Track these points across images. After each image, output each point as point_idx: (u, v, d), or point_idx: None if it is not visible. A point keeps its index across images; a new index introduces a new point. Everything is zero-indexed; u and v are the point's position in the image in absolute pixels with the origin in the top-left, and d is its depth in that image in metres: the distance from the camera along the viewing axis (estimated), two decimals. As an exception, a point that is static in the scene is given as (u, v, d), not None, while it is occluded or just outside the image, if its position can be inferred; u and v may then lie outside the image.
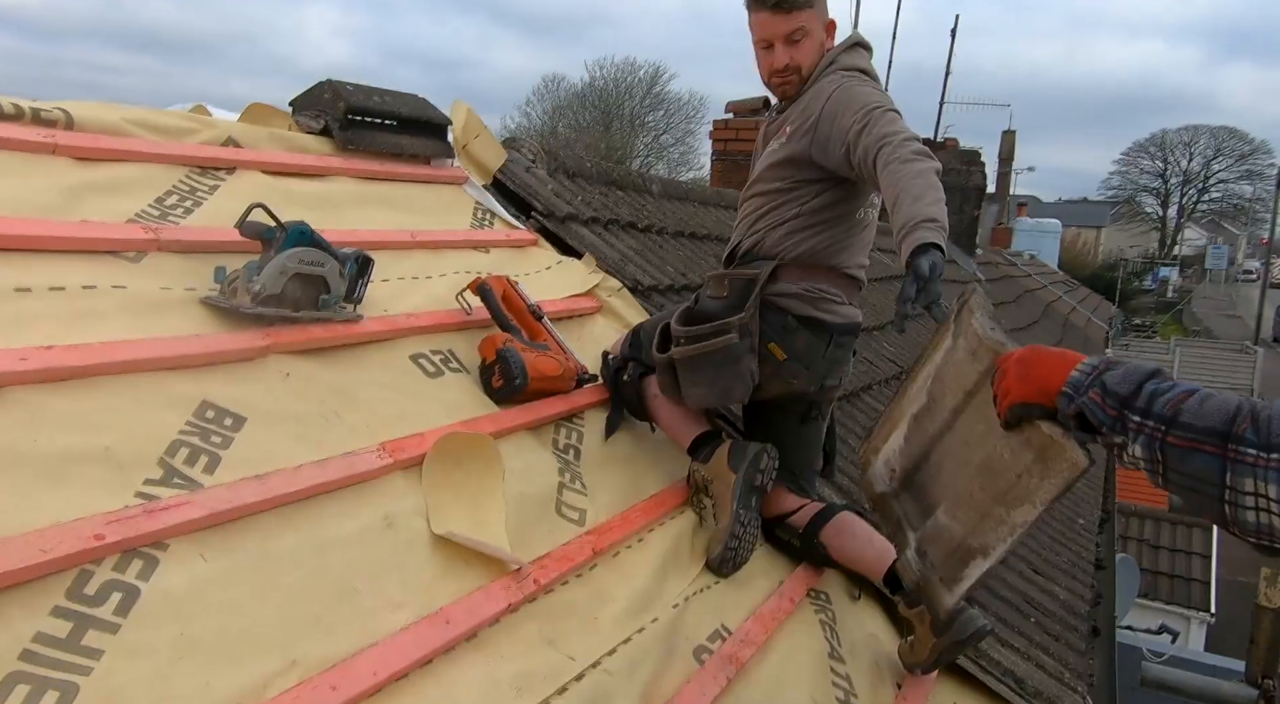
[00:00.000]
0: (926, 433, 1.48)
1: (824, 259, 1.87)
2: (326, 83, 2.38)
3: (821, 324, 1.84)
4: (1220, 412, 0.94)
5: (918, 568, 1.47)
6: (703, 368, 1.79)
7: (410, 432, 1.59)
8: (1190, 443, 0.95)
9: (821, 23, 1.87)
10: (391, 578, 1.31)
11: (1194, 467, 0.94)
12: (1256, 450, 0.90)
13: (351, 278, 1.75)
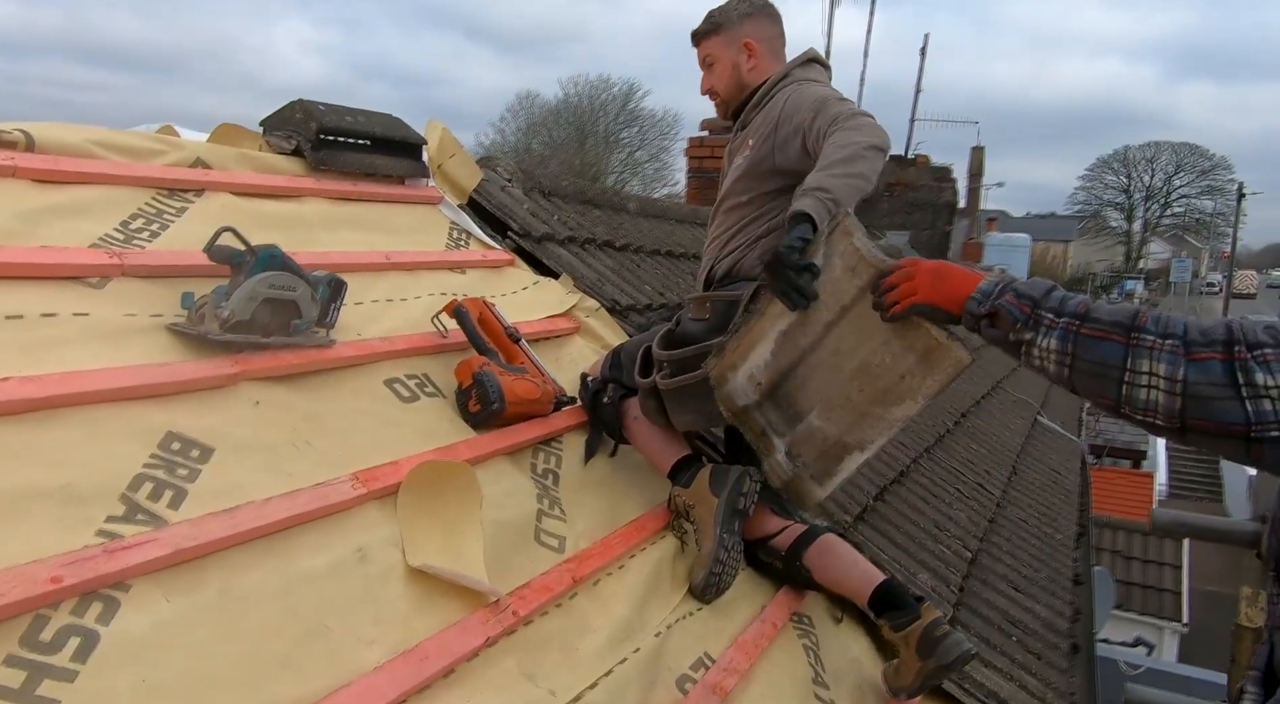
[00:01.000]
0: (798, 347, 1.58)
1: None
2: (298, 102, 2.35)
3: None
4: (1126, 310, 1.12)
5: (789, 468, 1.64)
6: (688, 396, 1.77)
7: (385, 460, 1.55)
8: (1101, 333, 1.11)
9: (733, 46, 1.96)
10: (364, 613, 1.26)
11: (1100, 353, 1.10)
12: (1154, 337, 1.07)
13: (324, 302, 1.71)
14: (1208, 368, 1.04)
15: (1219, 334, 1.05)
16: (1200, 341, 1.05)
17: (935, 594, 2.29)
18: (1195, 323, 1.08)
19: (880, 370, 1.45)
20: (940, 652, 1.73)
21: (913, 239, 9.49)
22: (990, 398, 5.28)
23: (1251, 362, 1.02)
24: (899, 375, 1.44)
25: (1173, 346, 1.06)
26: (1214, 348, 1.04)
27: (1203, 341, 1.05)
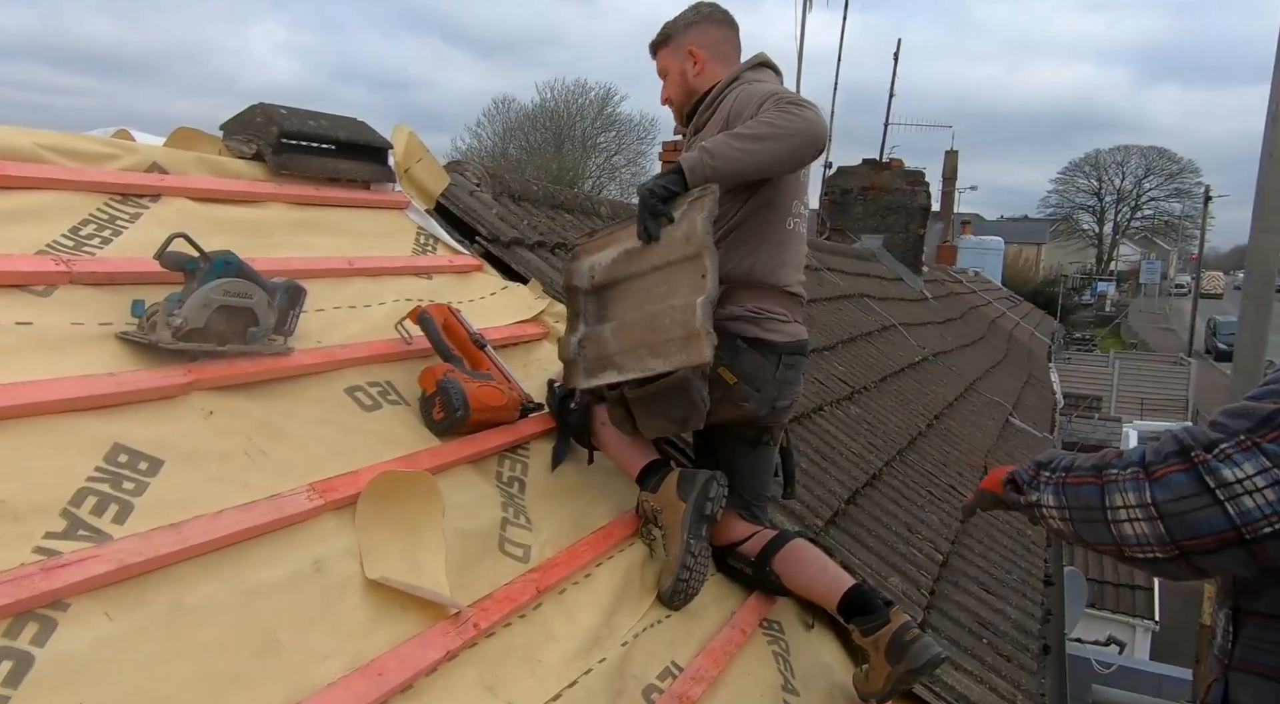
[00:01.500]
0: (627, 269, 1.79)
1: (764, 277, 1.86)
2: (258, 106, 2.31)
3: (769, 345, 1.83)
4: (1099, 456, 1.15)
5: (573, 352, 1.89)
6: (656, 402, 1.75)
7: (344, 469, 1.52)
8: (1079, 478, 1.16)
9: (679, 54, 2.01)
10: (320, 627, 1.23)
11: (1083, 498, 1.14)
12: (1117, 470, 1.11)
13: (282, 309, 1.68)
14: (1170, 483, 1.05)
15: (1171, 447, 1.07)
16: (1156, 460, 1.07)
17: (906, 597, 2.29)
18: (1152, 444, 1.10)
19: (660, 326, 1.65)
20: (910, 656, 1.72)
21: (887, 242, 9.55)
22: (963, 400, 5.32)
23: (1213, 461, 1.02)
24: (666, 338, 1.64)
25: (1133, 473, 1.08)
26: (1169, 462, 1.06)
27: (1158, 460, 1.07)
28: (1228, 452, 1.02)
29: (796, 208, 1.91)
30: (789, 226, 1.89)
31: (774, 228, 1.87)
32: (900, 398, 4.38)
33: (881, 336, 5.55)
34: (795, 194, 1.90)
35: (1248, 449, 1.01)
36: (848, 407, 3.65)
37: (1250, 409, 1.04)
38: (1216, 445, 1.03)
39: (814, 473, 2.70)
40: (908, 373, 5.01)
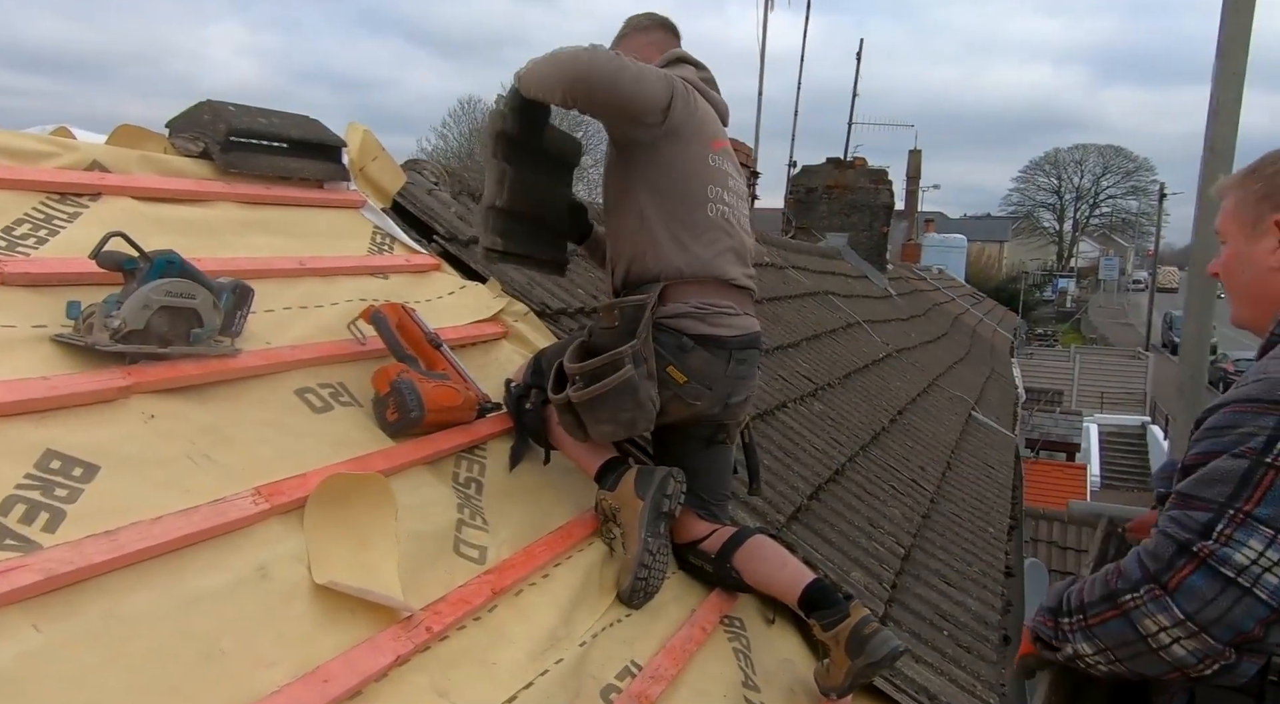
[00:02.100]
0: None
1: (704, 271, 1.83)
2: (205, 103, 2.25)
3: (718, 340, 1.81)
4: (1100, 582, 1.09)
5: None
6: (602, 405, 1.73)
7: (291, 473, 1.48)
8: (1100, 617, 1.08)
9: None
10: (264, 634, 1.20)
11: (1115, 635, 1.07)
12: (1130, 595, 1.04)
13: (228, 309, 1.64)
14: (1190, 589, 0.99)
15: (1169, 547, 1.00)
16: (1163, 568, 1.00)
17: (868, 591, 2.30)
18: (1146, 548, 1.03)
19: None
20: (869, 650, 1.73)
21: (851, 240, 9.63)
22: (926, 395, 5.38)
23: (1219, 548, 0.98)
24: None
25: (1149, 592, 1.01)
26: (1177, 566, 0.99)
27: (1164, 566, 1.00)
28: (1227, 533, 0.98)
29: (716, 194, 1.86)
30: (711, 214, 1.85)
31: (692, 217, 1.83)
32: (864, 394, 4.42)
33: (846, 333, 5.59)
34: (705, 179, 1.84)
35: (1243, 523, 0.97)
36: (811, 403, 3.67)
37: (1219, 473, 1.00)
38: (1212, 529, 0.98)
39: (777, 469, 2.70)
40: (871, 369, 5.06)
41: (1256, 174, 1.19)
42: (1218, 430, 1.05)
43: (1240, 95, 3.38)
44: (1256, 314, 1.18)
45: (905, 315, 8.51)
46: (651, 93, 1.75)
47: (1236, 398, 1.05)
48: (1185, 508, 1.02)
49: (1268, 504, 0.97)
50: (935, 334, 8.73)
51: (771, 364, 3.81)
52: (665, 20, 2.05)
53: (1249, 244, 1.18)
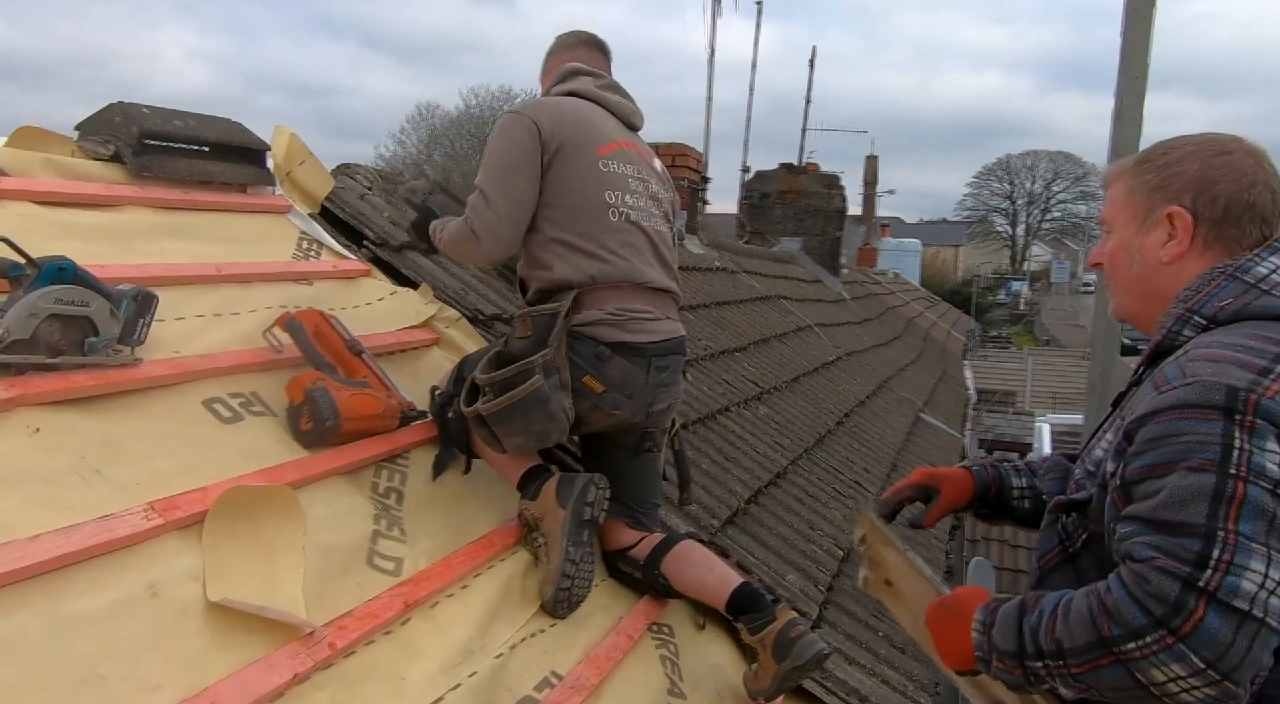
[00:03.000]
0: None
1: (620, 275, 1.81)
2: (117, 105, 2.18)
3: (636, 348, 1.79)
4: (1082, 622, 0.96)
5: None
6: (513, 417, 1.70)
7: (194, 486, 1.43)
8: (1088, 665, 0.95)
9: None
10: (151, 656, 1.15)
11: (1108, 681, 0.95)
12: (1132, 643, 0.92)
13: (128, 318, 1.58)
14: (1206, 634, 0.88)
15: (1168, 585, 0.90)
16: (1169, 612, 0.89)
17: (803, 594, 2.29)
18: (1144, 589, 0.92)
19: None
20: (795, 653, 1.72)
21: (805, 245, 9.72)
22: (874, 398, 5.43)
23: (1225, 578, 0.88)
24: None
25: (1158, 641, 0.90)
26: (1187, 609, 0.89)
27: (1171, 611, 0.89)
28: (1226, 559, 0.90)
29: (616, 198, 1.84)
30: (614, 218, 1.83)
31: (594, 226, 1.81)
32: (811, 397, 4.44)
33: (796, 337, 5.62)
34: (600, 186, 1.82)
35: (1238, 545, 0.90)
36: (756, 406, 3.67)
37: (1186, 491, 0.93)
38: (1209, 557, 0.90)
39: (715, 474, 2.69)
40: (820, 372, 5.09)
41: (1148, 164, 1.17)
42: (1159, 441, 0.98)
43: (1142, 98, 3.47)
44: (1144, 308, 1.17)
45: (859, 319, 8.61)
46: (524, 175, 1.80)
47: (1170, 404, 0.99)
48: (1167, 534, 0.93)
49: (1247, 519, 0.91)
50: (888, 337, 8.84)
51: (716, 368, 3.81)
52: (589, 38, 2.06)
53: (1139, 235, 1.17)
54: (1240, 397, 0.96)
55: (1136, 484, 1.00)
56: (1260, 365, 0.99)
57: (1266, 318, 1.06)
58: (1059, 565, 1.13)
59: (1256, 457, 0.94)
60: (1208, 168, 1.12)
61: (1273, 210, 1.13)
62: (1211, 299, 1.10)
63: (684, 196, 6.42)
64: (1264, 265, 1.09)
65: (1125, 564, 0.96)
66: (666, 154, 6.35)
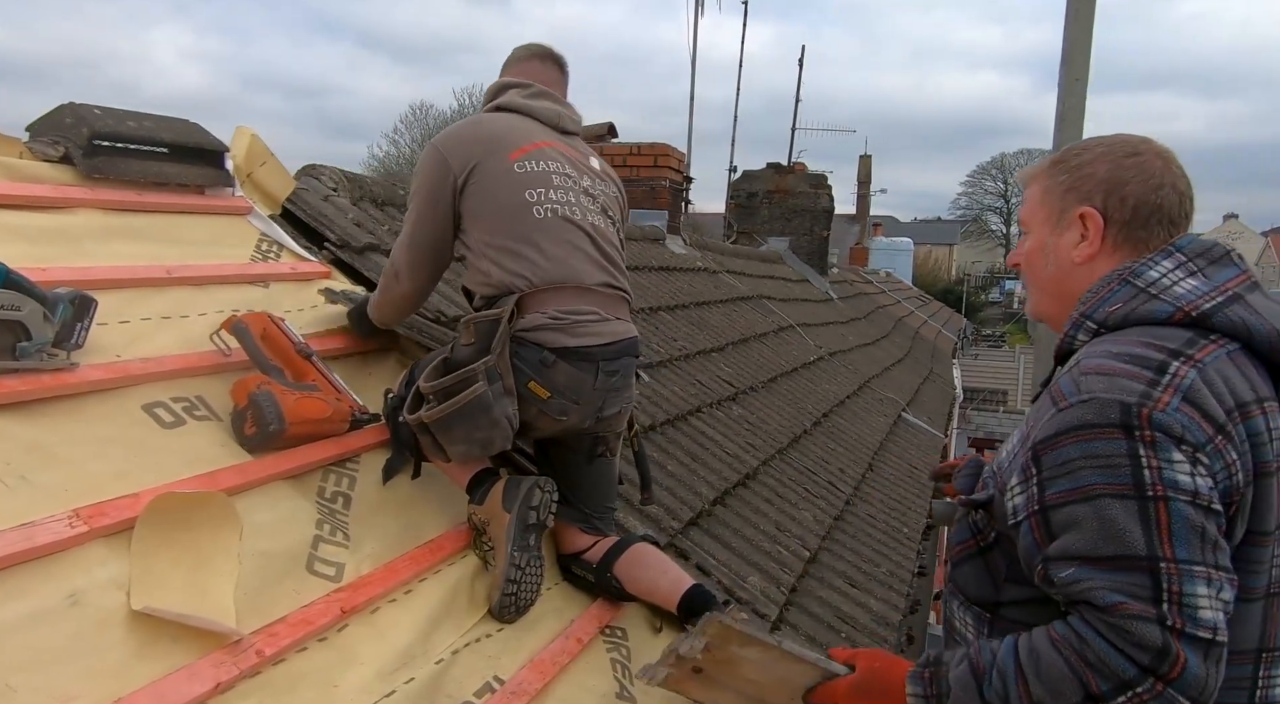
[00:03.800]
0: None
1: (557, 275, 1.79)
2: (68, 105, 2.16)
3: (582, 352, 1.76)
4: (1064, 680, 0.93)
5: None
6: (455, 424, 1.68)
7: (127, 492, 1.41)
8: None
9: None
10: (68, 668, 1.13)
11: None
12: (1124, 695, 0.91)
13: (65, 321, 1.56)
14: (1191, 673, 0.89)
15: (1152, 633, 0.90)
16: (1156, 657, 0.89)
17: (764, 596, 2.28)
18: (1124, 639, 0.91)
19: None
20: (742, 656, 1.71)
21: (792, 244, 9.71)
22: (855, 397, 5.42)
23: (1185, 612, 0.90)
24: None
25: (1149, 690, 0.90)
26: (1170, 652, 0.89)
27: (1157, 655, 0.89)
28: (1175, 591, 0.91)
29: (538, 195, 1.82)
30: (539, 215, 1.81)
31: (519, 226, 1.79)
32: (789, 397, 4.43)
33: (777, 337, 5.61)
34: (519, 187, 1.81)
35: (1181, 573, 0.91)
36: (730, 407, 3.66)
37: (1114, 523, 0.92)
38: (1161, 590, 0.90)
39: (681, 475, 2.68)
40: (800, 372, 5.08)
41: (1062, 165, 1.17)
42: (1070, 465, 0.97)
43: (1084, 102, 3.47)
44: (1058, 309, 1.17)
45: (845, 318, 8.60)
46: (428, 218, 1.87)
47: (1071, 426, 0.98)
48: (1115, 572, 0.92)
49: (1180, 542, 0.92)
50: (875, 336, 8.83)
51: (691, 369, 3.79)
52: (539, 50, 2.07)
53: (1054, 236, 1.16)
54: (1134, 412, 0.96)
55: (1056, 510, 0.99)
56: (1148, 376, 0.99)
57: (1153, 323, 1.06)
58: (970, 557, 1.13)
59: (1167, 471, 0.94)
60: (1118, 169, 1.12)
61: (1179, 212, 1.13)
62: (1103, 304, 1.10)
63: (666, 197, 6.41)
64: (1156, 269, 1.09)
65: (1090, 611, 0.94)
66: (648, 154, 6.34)
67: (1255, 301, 1.06)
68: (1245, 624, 1.01)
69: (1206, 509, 0.95)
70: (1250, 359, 1.05)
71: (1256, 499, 0.99)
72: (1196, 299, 1.05)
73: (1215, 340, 1.04)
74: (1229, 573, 0.96)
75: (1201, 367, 1.00)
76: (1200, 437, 0.96)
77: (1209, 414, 0.97)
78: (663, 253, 5.68)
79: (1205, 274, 1.08)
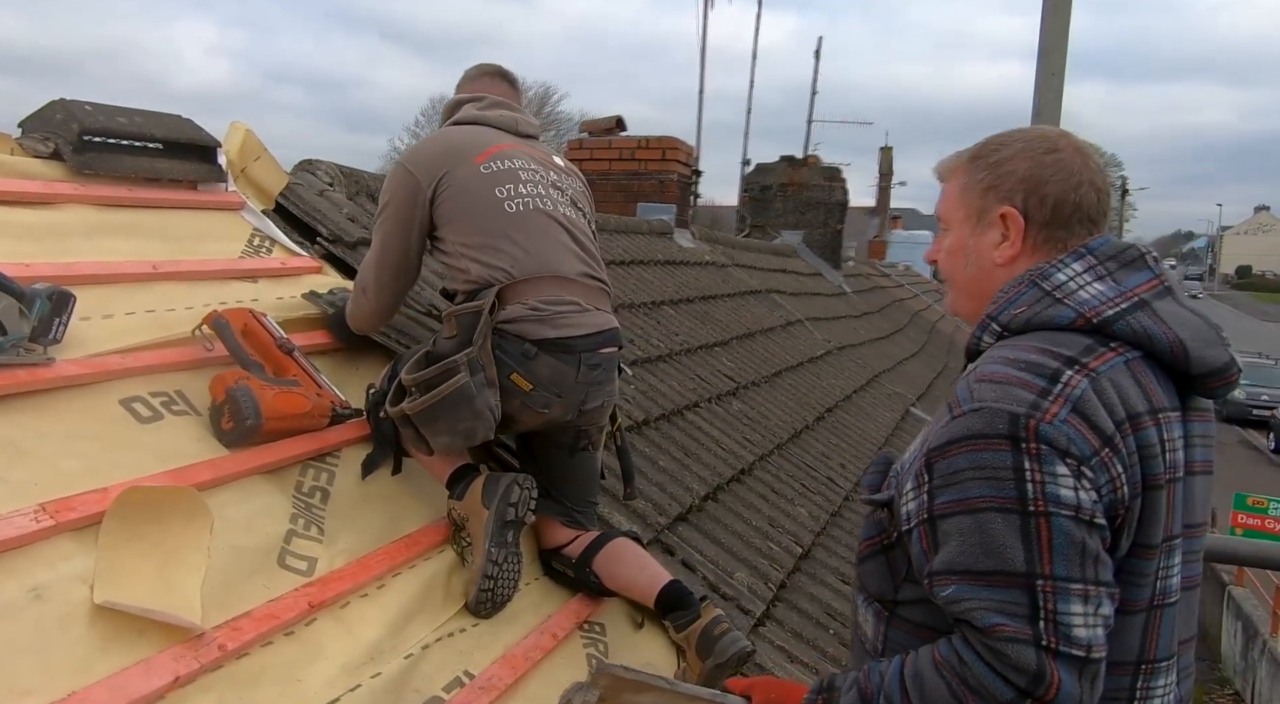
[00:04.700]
0: None
1: (535, 266, 1.79)
2: (59, 101, 2.18)
3: (564, 344, 1.76)
4: (944, 701, 0.94)
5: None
6: (438, 416, 1.69)
7: (97, 486, 1.43)
8: None
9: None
10: (26, 661, 1.15)
11: None
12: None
13: (42, 316, 1.58)
14: (1066, 694, 0.89)
15: (1028, 655, 0.90)
16: (1032, 681, 0.89)
17: (751, 592, 2.27)
18: (1001, 661, 0.91)
19: None
20: (718, 650, 1.71)
21: (806, 238, 9.64)
22: (862, 392, 5.37)
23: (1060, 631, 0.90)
24: None
25: None
26: (1045, 675, 0.89)
27: (1033, 679, 0.89)
28: (1050, 609, 0.90)
29: (508, 191, 1.84)
30: (511, 209, 1.83)
31: (493, 223, 1.81)
32: (792, 392, 4.40)
33: (784, 332, 5.57)
34: (488, 185, 1.84)
35: (1057, 591, 0.91)
36: (729, 402, 3.64)
37: (996, 538, 0.92)
38: (1038, 609, 0.90)
39: (672, 470, 2.67)
40: (806, 367, 5.04)
41: (980, 161, 1.13)
42: (958, 475, 0.96)
43: (1060, 95, 3.38)
44: (977, 308, 1.13)
45: (858, 312, 8.53)
46: (406, 231, 1.89)
47: (961, 435, 0.97)
48: (993, 590, 0.92)
49: (1060, 558, 0.91)
50: (889, 331, 8.75)
51: (692, 363, 3.78)
52: (489, 68, 2.13)
53: (974, 236, 1.13)
54: (1022, 424, 0.94)
55: (942, 520, 0.98)
56: (1040, 386, 0.97)
57: (1055, 328, 1.04)
58: (874, 554, 1.12)
59: (1050, 486, 0.93)
60: (1037, 167, 1.10)
61: (1098, 210, 1.10)
62: (1009, 306, 1.07)
63: (674, 190, 6.38)
64: (1065, 272, 1.07)
65: (971, 632, 0.94)
66: (656, 147, 6.32)
67: (1162, 308, 1.04)
68: (1125, 636, 1.00)
69: (1089, 524, 0.94)
70: (1151, 367, 1.03)
71: (1144, 512, 0.98)
72: (1100, 305, 1.03)
73: (1115, 347, 1.02)
74: (1109, 587, 0.94)
75: (1095, 376, 0.98)
76: (1086, 450, 0.94)
77: (1097, 426, 0.95)
78: (669, 247, 5.65)
79: (1115, 278, 1.06)
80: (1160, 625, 1.01)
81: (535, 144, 2.04)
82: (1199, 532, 1.07)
